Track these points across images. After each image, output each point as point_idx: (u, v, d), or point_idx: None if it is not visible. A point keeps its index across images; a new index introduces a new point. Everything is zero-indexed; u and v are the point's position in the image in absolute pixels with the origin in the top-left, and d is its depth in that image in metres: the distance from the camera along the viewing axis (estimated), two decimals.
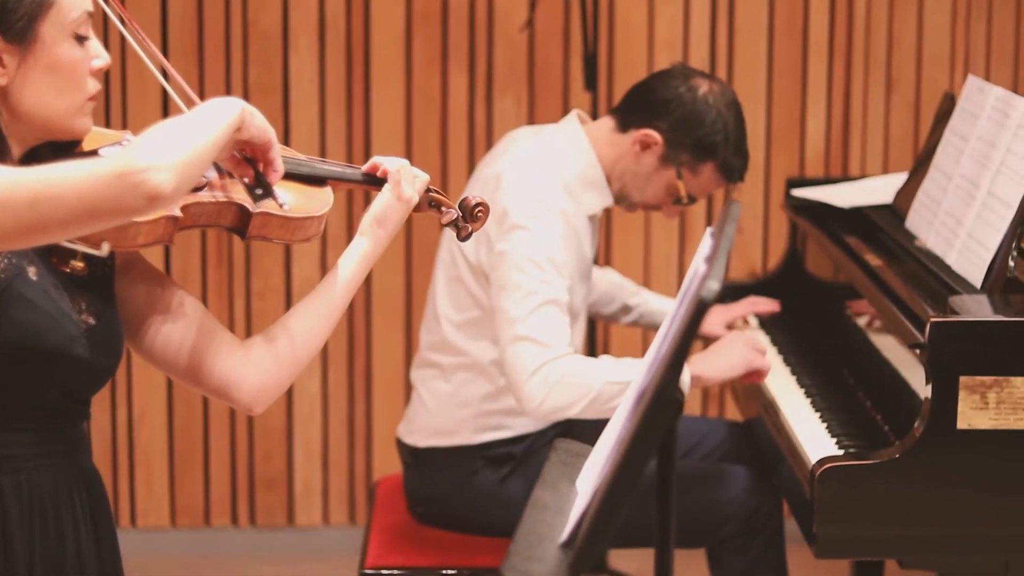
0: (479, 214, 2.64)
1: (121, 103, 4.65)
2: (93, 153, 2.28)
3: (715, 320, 3.92)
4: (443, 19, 4.69)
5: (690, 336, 1.86)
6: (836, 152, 4.82)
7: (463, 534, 3.59)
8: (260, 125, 2.26)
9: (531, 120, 4.72)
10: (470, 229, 2.64)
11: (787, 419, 3.38)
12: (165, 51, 4.62)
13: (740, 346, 3.45)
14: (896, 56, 4.80)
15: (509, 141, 3.65)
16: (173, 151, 2.04)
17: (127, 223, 2.20)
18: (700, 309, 1.84)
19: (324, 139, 4.70)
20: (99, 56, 2.28)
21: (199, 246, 4.72)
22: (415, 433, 3.64)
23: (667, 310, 3.87)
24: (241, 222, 2.36)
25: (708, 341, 3.85)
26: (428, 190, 2.59)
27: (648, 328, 4.01)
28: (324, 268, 4.69)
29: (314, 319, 2.43)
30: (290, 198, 2.39)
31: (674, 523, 2.06)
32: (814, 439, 3.25)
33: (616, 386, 3.28)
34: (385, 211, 2.50)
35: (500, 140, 3.72)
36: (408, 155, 4.69)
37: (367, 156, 4.66)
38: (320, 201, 2.43)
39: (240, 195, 2.34)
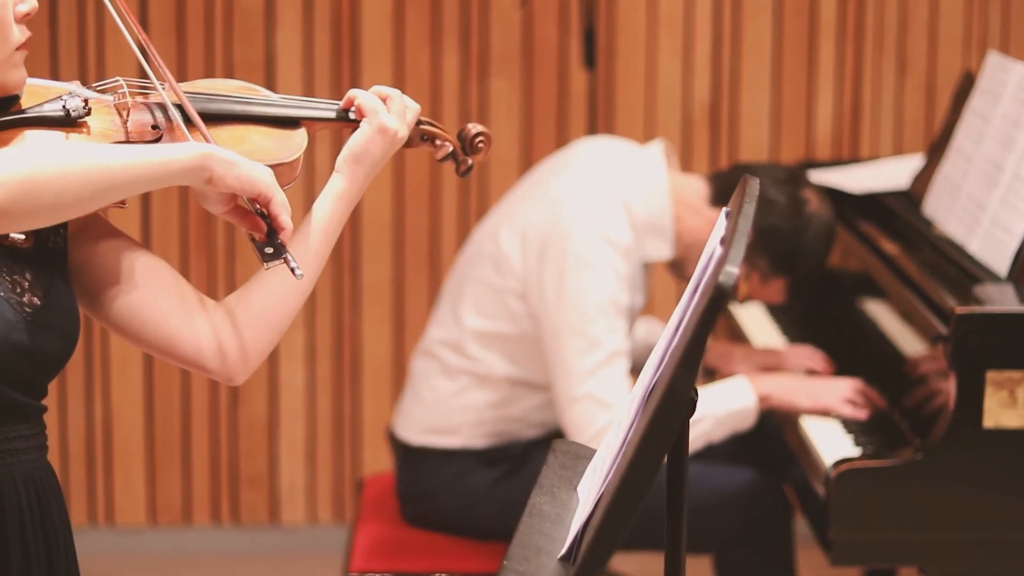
0: (480, 144, 2.41)
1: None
2: (31, 110, 2.10)
3: (750, 361, 3.60)
4: None
5: (707, 328, 1.66)
6: (846, 136, 4.72)
7: (454, 536, 3.47)
8: (242, 176, 2.06)
9: (527, 101, 4.60)
10: (470, 162, 2.42)
11: (802, 419, 3.23)
12: (144, 26, 4.43)
13: (834, 387, 3.25)
14: (909, 35, 4.69)
15: (574, 154, 3.47)
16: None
17: None
18: (719, 297, 1.64)
19: None
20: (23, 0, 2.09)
21: (178, 233, 4.59)
22: (409, 427, 3.52)
23: None
24: None
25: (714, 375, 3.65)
26: (419, 122, 2.37)
27: None
28: None
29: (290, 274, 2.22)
30: (260, 144, 2.22)
31: (685, 530, 1.88)
32: (828, 436, 3.13)
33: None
34: (364, 145, 2.28)
35: (567, 148, 3.56)
36: None
37: None
38: (291, 145, 2.25)
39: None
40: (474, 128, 2.41)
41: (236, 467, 4.71)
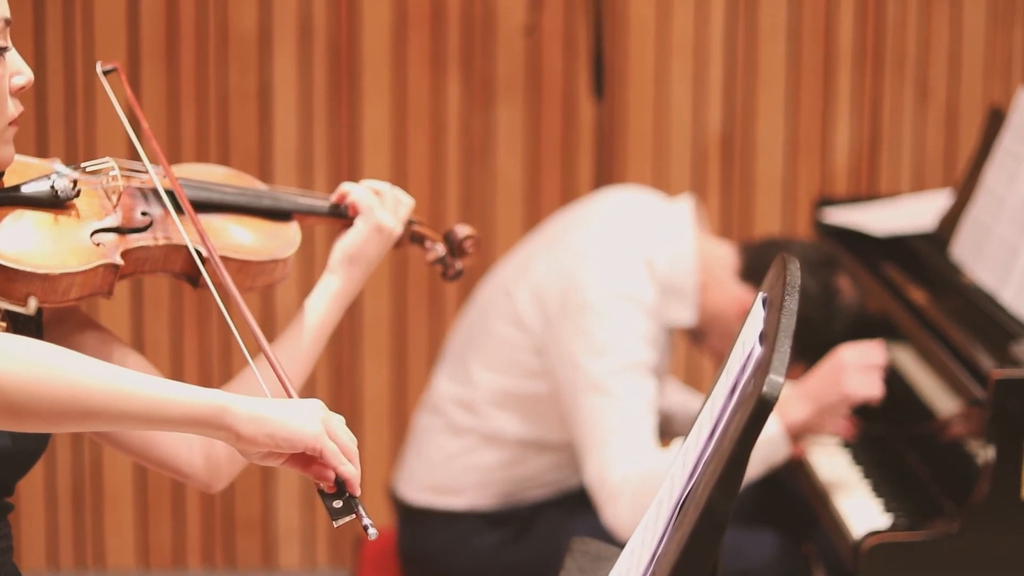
0: (469, 248, 2.35)
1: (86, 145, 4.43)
2: (15, 189, 1.96)
3: None
4: (437, 21, 4.50)
5: (749, 444, 1.50)
6: (864, 166, 4.63)
7: None
8: (277, 434, 1.73)
9: (532, 131, 4.52)
10: (458, 267, 2.36)
11: (823, 477, 3.10)
12: (134, 53, 4.41)
13: (838, 409, 3.06)
14: (931, 62, 4.61)
15: (596, 206, 3.35)
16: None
17: (59, 273, 1.90)
18: (762, 411, 1.48)
19: (307, 150, 4.51)
20: (20, 72, 1.94)
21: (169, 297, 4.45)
22: (411, 485, 3.41)
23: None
24: (192, 268, 2.08)
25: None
26: (410, 221, 2.30)
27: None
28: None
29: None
30: (251, 238, 2.14)
31: None
32: (857, 503, 2.99)
33: None
34: (361, 245, 2.20)
35: (588, 198, 3.45)
36: (398, 168, 4.51)
37: (353, 169, 4.50)
38: (284, 240, 2.18)
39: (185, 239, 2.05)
40: (462, 231, 2.34)
41: (230, 509, 4.61)
